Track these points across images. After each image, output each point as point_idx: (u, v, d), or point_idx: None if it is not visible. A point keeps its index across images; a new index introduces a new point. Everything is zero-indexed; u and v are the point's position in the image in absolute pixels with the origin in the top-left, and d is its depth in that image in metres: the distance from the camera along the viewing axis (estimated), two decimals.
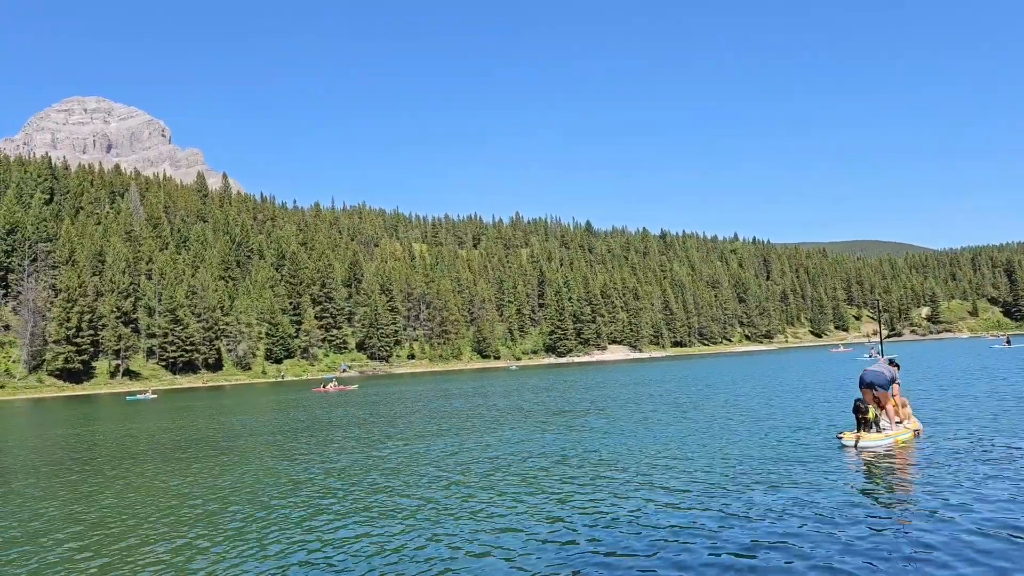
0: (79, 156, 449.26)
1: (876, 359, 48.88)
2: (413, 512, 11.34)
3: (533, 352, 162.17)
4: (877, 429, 15.03)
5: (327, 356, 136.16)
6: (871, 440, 14.55)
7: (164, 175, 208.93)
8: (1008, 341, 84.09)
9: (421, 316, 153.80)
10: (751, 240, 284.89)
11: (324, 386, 64.65)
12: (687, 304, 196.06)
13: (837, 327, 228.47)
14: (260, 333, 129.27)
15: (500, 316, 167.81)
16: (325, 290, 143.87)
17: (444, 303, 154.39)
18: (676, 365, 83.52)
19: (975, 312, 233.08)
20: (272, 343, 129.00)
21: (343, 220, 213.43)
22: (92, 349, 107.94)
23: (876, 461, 13.28)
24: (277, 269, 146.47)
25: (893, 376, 15.39)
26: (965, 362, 48.30)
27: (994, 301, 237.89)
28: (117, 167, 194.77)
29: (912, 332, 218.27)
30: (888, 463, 13.16)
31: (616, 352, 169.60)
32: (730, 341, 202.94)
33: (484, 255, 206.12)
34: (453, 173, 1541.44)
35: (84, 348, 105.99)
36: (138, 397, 70.25)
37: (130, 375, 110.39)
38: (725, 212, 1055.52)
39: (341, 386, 65.37)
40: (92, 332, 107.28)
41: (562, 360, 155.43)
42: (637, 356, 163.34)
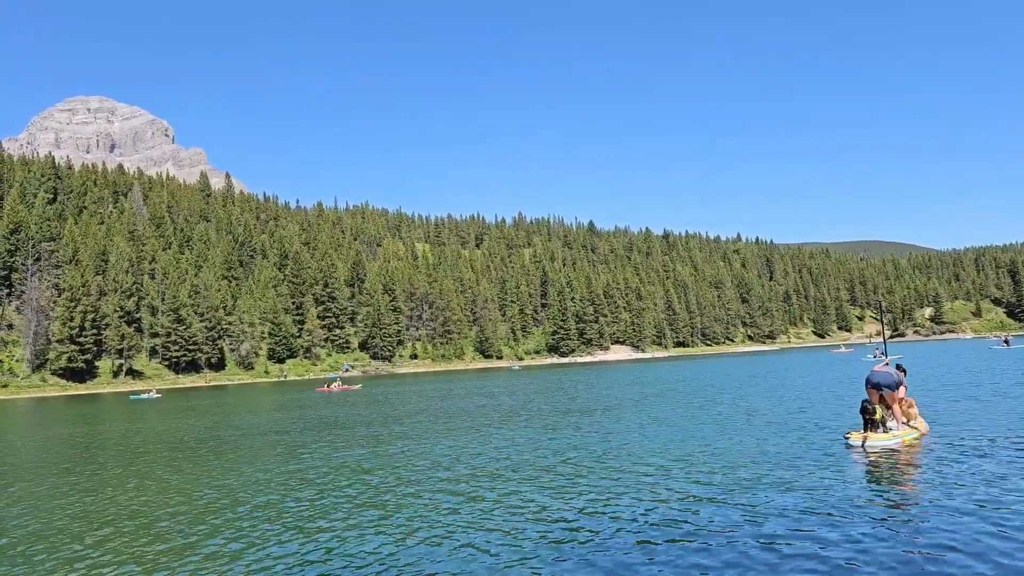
0: (82, 156, 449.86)
1: (881, 359, 48.73)
2: (426, 510, 11.34)
3: (536, 352, 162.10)
4: (884, 429, 15.00)
5: (330, 356, 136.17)
6: (878, 440, 14.52)
7: (167, 175, 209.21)
8: (1007, 342, 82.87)
9: (424, 316, 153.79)
10: (754, 240, 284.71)
11: (328, 386, 64.67)
12: (690, 304, 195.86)
13: (840, 327, 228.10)
14: (263, 333, 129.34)
15: (503, 316, 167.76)
16: (328, 290, 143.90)
17: (447, 303, 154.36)
18: (679, 365, 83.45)
19: (979, 313, 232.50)
20: (275, 343, 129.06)
21: (346, 220, 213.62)
22: (95, 348, 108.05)
23: (883, 461, 13.26)
24: (280, 269, 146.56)
25: (900, 379, 15.40)
26: (967, 363, 48.18)
27: (997, 302, 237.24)
28: (120, 167, 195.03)
29: (915, 333, 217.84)
30: (895, 463, 13.14)
31: (619, 352, 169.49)
32: (733, 341, 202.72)
33: (487, 255, 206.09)
34: (455, 173, 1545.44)
35: (87, 347, 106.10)
36: (142, 396, 70.30)
37: (133, 374, 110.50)
38: (728, 212, 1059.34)
39: (345, 386, 65.33)
40: (95, 331, 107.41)
41: (565, 360, 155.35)
42: (640, 356, 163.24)
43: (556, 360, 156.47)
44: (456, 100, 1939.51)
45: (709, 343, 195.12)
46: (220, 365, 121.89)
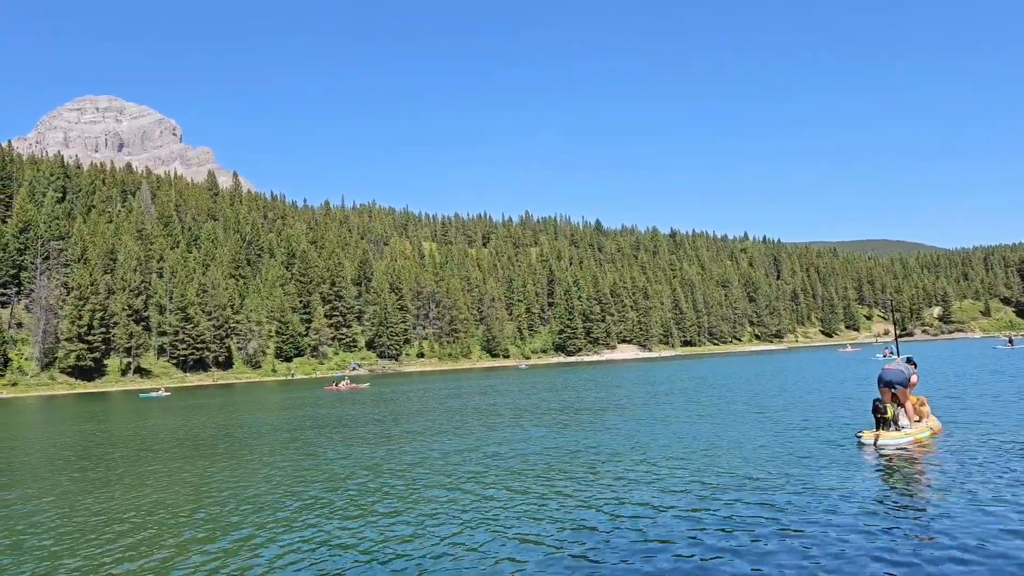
0: (91, 155, 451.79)
1: (891, 359, 48.65)
2: (445, 507, 11.37)
3: (542, 351, 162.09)
4: (896, 428, 14.98)
5: (337, 354, 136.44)
6: (890, 438, 14.50)
7: (175, 174, 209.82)
8: (1011, 341, 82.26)
9: (430, 315, 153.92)
10: (761, 239, 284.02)
11: (336, 384, 64.71)
12: (697, 303, 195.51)
13: (848, 327, 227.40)
14: (270, 331, 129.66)
15: (509, 315, 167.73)
16: (335, 288, 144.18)
17: (453, 302, 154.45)
18: (687, 364, 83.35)
19: (987, 312, 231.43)
20: (282, 341, 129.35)
21: (353, 219, 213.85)
22: (104, 347, 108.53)
23: (895, 459, 13.25)
24: (287, 267, 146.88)
25: (911, 372, 15.38)
26: (973, 363, 48.04)
27: (1007, 301, 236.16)
28: (128, 166, 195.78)
29: (924, 332, 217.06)
30: (907, 461, 13.12)
31: (626, 351, 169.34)
32: (740, 340, 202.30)
33: (494, 254, 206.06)
34: (461, 173, 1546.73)
35: (96, 346, 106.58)
36: (151, 395, 70.59)
37: (141, 373, 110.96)
38: (735, 211, 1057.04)
39: (353, 384, 65.40)
40: (104, 330, 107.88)
41: (571, 359, 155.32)
42: (647, 355, 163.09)
43: (563, 359, 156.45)
44: (459, 100, 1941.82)
45: (716, 342, 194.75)
46: (227, 364, 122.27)
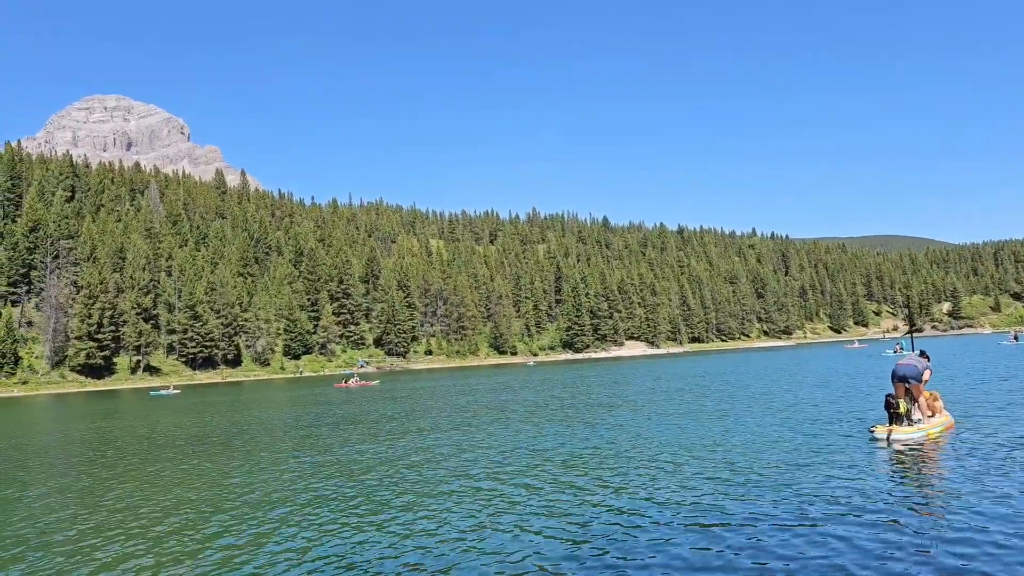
0: (99, 154, 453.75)
1: (903, 354, 48.41)
2: (465, 503, 11.36)
3: (550, 348, 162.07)
4: (909, 423, 14.89)
5: (345, 352, 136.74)
6: (903, 434, 14.40)
7: (183, 172, 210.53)
8: (1016, 338, 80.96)
9: (438, 312, 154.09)
10: (769, 235, 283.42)
11: (345, 381, 64.76)
12: (705, 300, 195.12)
13: (857, 323, 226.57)
14: (278, 329, 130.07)
15: (517, 312, 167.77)
16: (343, 286, 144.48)
17: (461, 299, 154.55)
18: (695, 361, 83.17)
19: (997, 307, 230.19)
20: (290, 339, 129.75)
21: (360, 216, 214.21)
22: (113, 345, 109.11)
23: (908, 455, 13.16)
24: (295, 265, 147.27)
25: (925, 365, 15.29)
26: (981, 359, 47.77)
27: (1017, 296, 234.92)
28: (137, 165, 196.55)
29: (933, 328, 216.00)
30: (920, 456, 13.03)
31: (633, 348, 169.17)
32: (748, 337, 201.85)
33: (501, 251, 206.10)
34: (469, 170, 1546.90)
35: (105, 344, 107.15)
36: (161, 393, 70.89)
37: (150, 371, 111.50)
38: (743, 207, 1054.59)
39: (363, 381, 65.43)
40: (113, 328, 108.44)
41: (579, 356, 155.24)
42: (654, 352, 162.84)
43: (570, 356, 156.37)
44: (465, 98, 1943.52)
45: (724, 339, 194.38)
46: (236, 361, 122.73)
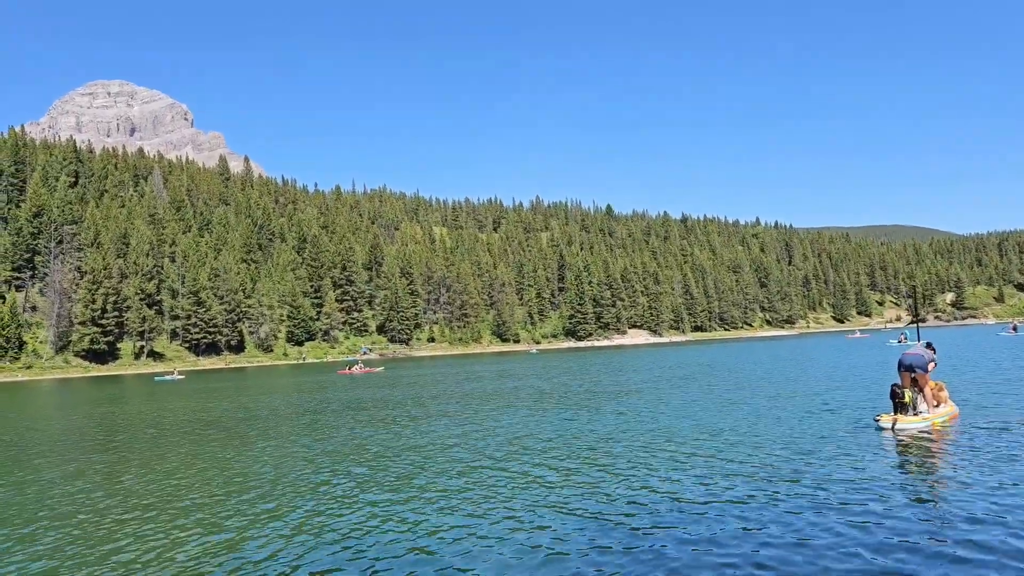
0: (103, 139, 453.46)
1: (908, 344, 48.37)
2: (479, 488, 11.40)
3: (553, 336, 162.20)
4: (914, 412, 14.90)
5: (348, 339, 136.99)
6: (908, 423, 14.43)
7: (187, 158, 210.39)
8: (1015, 328, 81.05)
9: (441, 299, 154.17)
10: (773, 225, 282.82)
11: (349, 368, 64.71)
12: (708, 289, 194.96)
13: (860, 312, 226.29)
14: (281, 316, 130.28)
15: (520, 300, 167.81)
16: (346, 273, 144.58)
17: (464, 287, 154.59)
18: (698, 350, 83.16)
19: (1001, 298, 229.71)
20: (293, 325, 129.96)
21: (364, 203, 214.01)
22: (117, 330, 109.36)
23: (913, 444, 13.17)
24: (298, 252, 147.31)
25: (931, 356, 15.31)
26: (983, 350, 47.74)
27: (1021, 287, 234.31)
28: (140, 150, 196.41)
29: (936, 318, 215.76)
30: (925, 445, 13.05)
31: (636, 336, 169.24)
32: (751, 326, 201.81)
33: (504, 239, 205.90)
34: (474, 158, 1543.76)
35: (109, 329, 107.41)
36: (165, 378, 71.09)
37: (154, 356, 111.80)
38: (747, 196, 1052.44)
39: (367, 368, 65.44)
40: (117, 314, 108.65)
41: (582, 344, 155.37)
42: (657, 340, 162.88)
43: (573, 344, 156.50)
44: (470, 88, 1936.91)
45: (727, 327, 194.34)
46: (239, 347, 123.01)
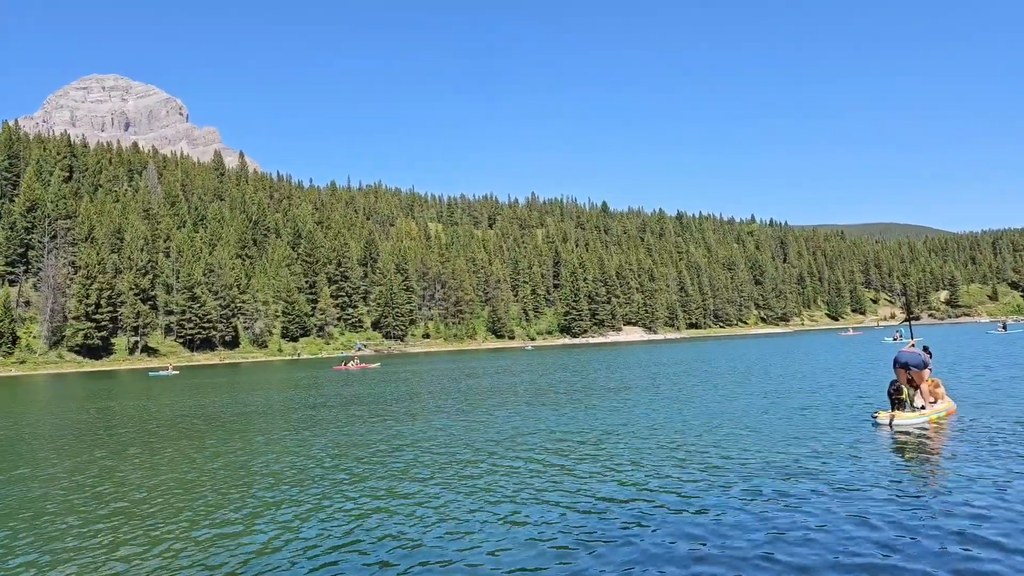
0: (97, 134, 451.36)
1: (903, 342, 48.53)
2: (488, 482, 11.40)
3: (548, 333, 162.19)
4: (911, 409, 14.96)
5: (342, 335, 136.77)
6: (905, 419, 14.49)
7: (181, 153, 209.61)
8: (1004, 327, 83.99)
9: (436, 296, 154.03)
10: (768, 222, 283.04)
11: (345, 364, 64.55)
12: (703, 286, 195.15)
13: (854, 310, 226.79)
14: (276, 311, 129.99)
15: (515, 296, 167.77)
16: (341, 269, 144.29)
17: (459, 283, 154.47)
18: (694, 347, 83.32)
19: (995, 296, 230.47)
20: (288, 321, 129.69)
21: (359, 199, 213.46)
22: (111, 325, 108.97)
23: (910, 440, 13.23)
24: (293, 248, 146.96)
25: (927, 360, 15.39)
26: (977, 347, 47.95)
27: (1014, 285, 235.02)
28: (135, 145, 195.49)
29: (930, 316, 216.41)
30: (922, 441, 13.11)
31: (631, 333, 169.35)
32: (746, 323, 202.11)
33: (499, 235, 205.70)
34: (470, 154, 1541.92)
35: (103, 324, 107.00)
36: (160, 373, 70.93)
37: (148, 351, 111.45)
38: (742, 194, 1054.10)
39: (363, 364, 65.32)
40: (111, 309, 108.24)
41: (577, 341, 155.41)
42: (652, 338, 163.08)
43: (568, 341, 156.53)
44: (466, 84, 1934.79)
45: (722, 325, 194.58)
46: (234, 343, 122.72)
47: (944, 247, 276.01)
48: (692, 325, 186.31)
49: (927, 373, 15.42)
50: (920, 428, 14.18)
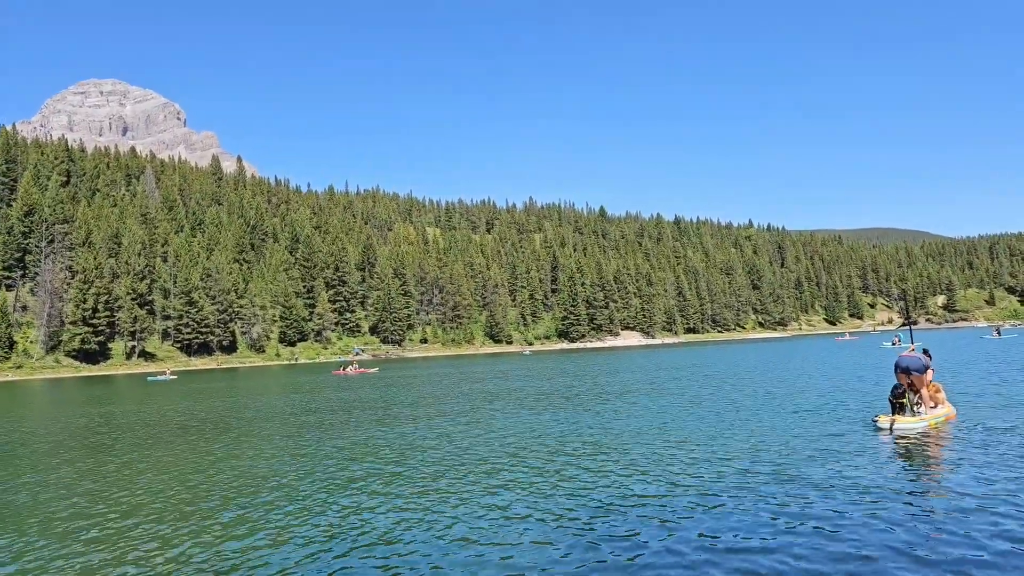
0: (95, 138, 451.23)
1: (902, 347, 48.63)
2: (497, 488, 11.38)
3: (545, 337, 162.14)
4: (912, 413, 14.97)
5: (340, 339, 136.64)
6: (906, 423, 14.49)
7: (179, 158, 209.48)
8: (998, 331, 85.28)
9: (434, 300, 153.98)
10: (766, 227, 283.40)
11: (344, 369, 64.50)
12: (700, 290, 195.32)
13: (852, 315, 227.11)
14: (274, 316, 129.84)
15: (513, 301, 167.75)
16: (339, 274, 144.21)
17: (457, 287, 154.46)
18: (692, 352, 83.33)
19: (992, 301, 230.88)
20: (286, 326, 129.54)
21: (357, 204, 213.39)
22: (108, 330, 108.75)
23: (911, 444, 13.25)
24: (291, 252, 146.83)
25: (927, 363, 15.39)
26: (967, 352, 48.02)
27: (1012, 290, 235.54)
28: (133, 150, 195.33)
29: (928, 320, 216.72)
30: (922, 445, 13.13)
31: (629, 338, 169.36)
32: (743, 328, 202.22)
33: (497, 240, 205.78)
34: (468, 159, 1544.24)
35: (100, 329, 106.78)
36: (158, 378, 70.80)
37: (145, 356, 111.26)
38: (740, 198, 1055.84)
39: (362, 369, 65.28)
40: (108, 313, 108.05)
41: (575, 345, 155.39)
42: (650, 342, 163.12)
43: (566, 345, 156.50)
44: (463, 88, 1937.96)
45: (720, 329, 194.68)
46: (231, 348, 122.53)
47: (941, 252, 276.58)
48: (690, 330, 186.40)
49: (928, 377, 15.43)
50: (920, 433, 14.18)
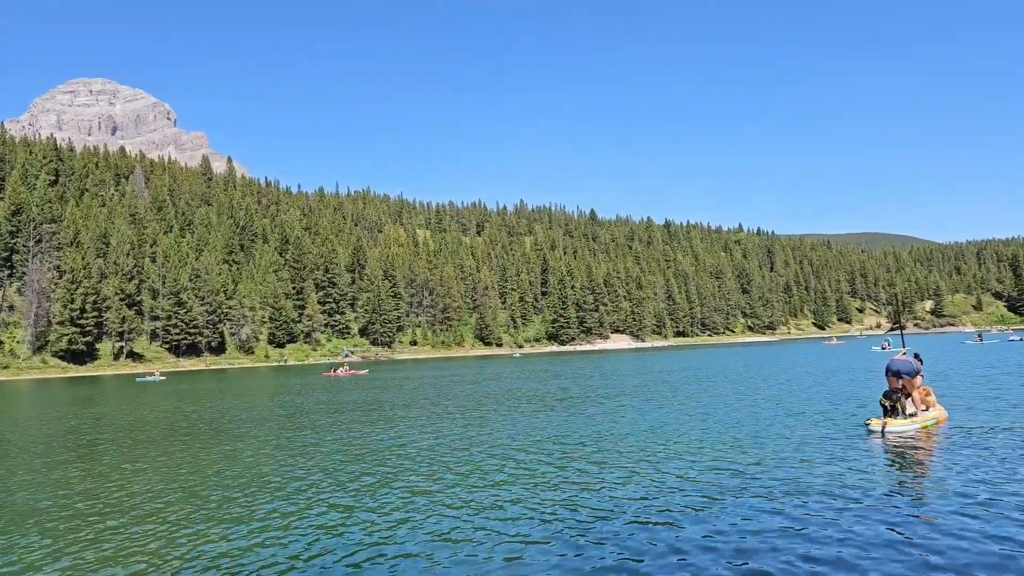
0: (84, 138, 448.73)
1: (891, 351, 48.85)
2: (499, 487, 11.34)
3: (535, 340, 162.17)
4: (903, 416, 15.03)
5: (330, 341, 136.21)
6: (898, 426, 14.56)
7: (169, 158, 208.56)
8: (980, 336, 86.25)
9: (424, 302, 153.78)
10: (755, 231, 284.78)
11: (334, 371, 64.30)
12: (690, 294, 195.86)
13: (840, 319, 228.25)
14: (263, 317, 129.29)
15: (503, 303, 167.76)
16: (328, 275, 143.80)
17: (447, 290, 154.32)
18: (682, 355, 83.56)
19: (979, 306, 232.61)
20: (275, 327, 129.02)
21: (347, 205, 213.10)
22: (96, 331, 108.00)
23: (903, 447, 13.30)
24: (281, 253, 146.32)
25: (918, 368, 15.48)
26: (949, 357, 48.38)
27: (999, 296, 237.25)
28: (122, 149, 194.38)
29: (916, 325, 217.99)
30: (914, 448, 13.19)
31: (619, 341, 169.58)
32: (733, 332, 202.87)
33: (488, 242, 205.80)
34: (459, 161, 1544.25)
35: (88, 330, 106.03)
36: (147, 379, 70.37)
37: (134, 357, 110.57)
38: (730, 203, 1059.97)
39: (352, 370, 65.12)
40: (96, 314, 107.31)
41: (564, 348, 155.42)
42: (639, 345, 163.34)
43: (555, 348, 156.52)
44: (454, 90, 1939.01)
45: (709, 333, 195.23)
46: (220, 349, 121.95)
47: (929, 257, 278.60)
48: (679, 333, 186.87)
49: (919, 381, 15.51)
50: (912, 436, 14.25)
